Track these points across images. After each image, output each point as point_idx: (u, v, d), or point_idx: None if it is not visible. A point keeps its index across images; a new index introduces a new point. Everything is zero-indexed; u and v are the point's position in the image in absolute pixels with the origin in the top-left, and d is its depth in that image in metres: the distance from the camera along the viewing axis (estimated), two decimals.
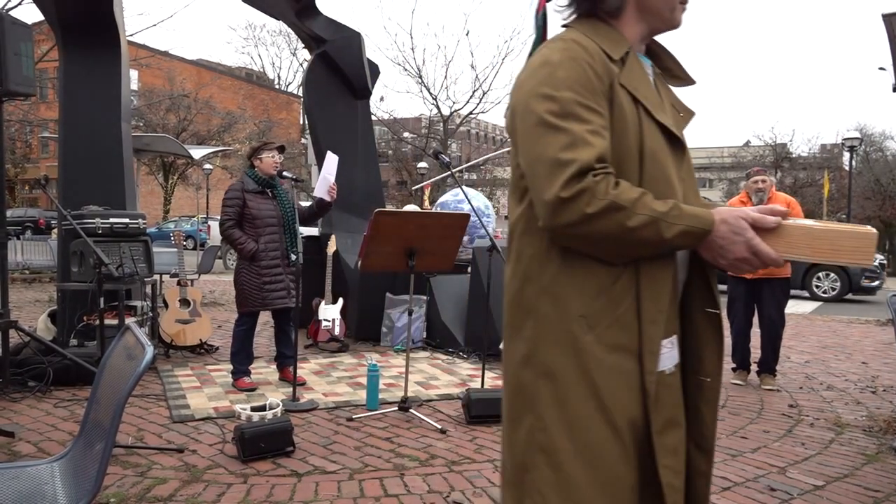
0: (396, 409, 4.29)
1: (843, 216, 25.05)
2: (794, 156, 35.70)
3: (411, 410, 4.25)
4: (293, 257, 4.61)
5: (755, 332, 5.41)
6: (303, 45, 9.59)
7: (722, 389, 5.58)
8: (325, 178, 4.89)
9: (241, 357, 4.87)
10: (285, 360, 4.99)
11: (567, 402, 1.32)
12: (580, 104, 1.28)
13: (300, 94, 38.07)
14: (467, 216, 4.37)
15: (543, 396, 1.34)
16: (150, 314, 5.72)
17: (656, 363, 1.33)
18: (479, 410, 4.13)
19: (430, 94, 33.19)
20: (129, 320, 4.91)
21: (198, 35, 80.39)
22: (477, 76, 32.91)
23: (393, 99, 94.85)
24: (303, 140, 35.52)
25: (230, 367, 4.93)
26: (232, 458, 3.42)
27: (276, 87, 46.74)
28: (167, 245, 9.48)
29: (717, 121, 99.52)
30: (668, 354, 1.36)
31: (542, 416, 1.33)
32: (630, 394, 1.32)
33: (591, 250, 1.31)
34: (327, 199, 4.91)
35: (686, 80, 1.55)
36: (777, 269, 5.13)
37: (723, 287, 5.57)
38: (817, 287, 12.78)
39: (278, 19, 8.16)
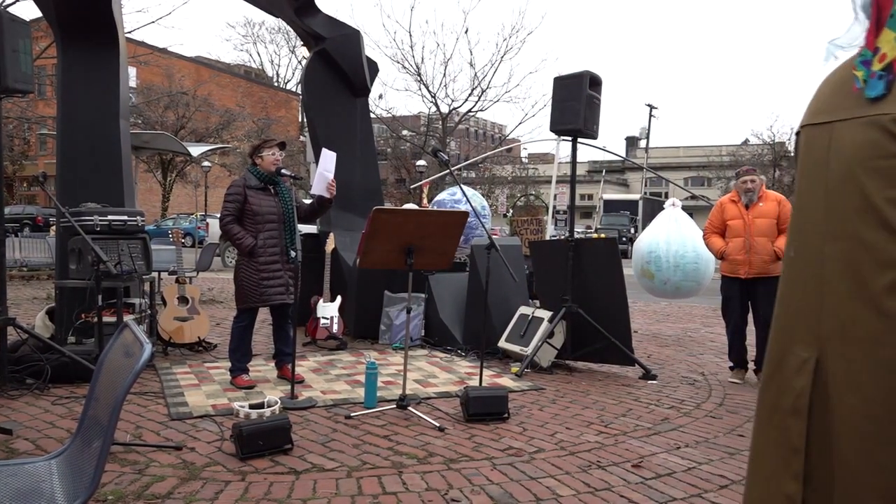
0: (395, 406, 4.29)
1: None
2: (792, 154, 35.62)
3: (409, 408, 4.25)
4: (292, 254, 4.61)
5: (750, 331, 5.43)
6: (301, 43, 9.57)
7: (720, 388, 5.54)
8: (323, 174, 4.80)
9: (240, 354, 4.86)
10: (284, 357, 4.99)
11: None
12: None
13: (299, 91, 38.02)
14: (466, 214, 4.36)
15: None
16: (149, 312, 5.72)
17: None
18: (477, 408, 4.13)
19: (429, 91, 33.18)
20: (128, 318, 4.92)
21: (196, 32, 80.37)
22: (476, 74, 32.88)
23: (392, 97, 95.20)
24: (301, 138, 35.46)
25: (228, 364, 4.94)
26: (230, 456, 3.42)
27: (275, 84, 46.69)
28: (165, 242, 9.46)
29: (715, 119, 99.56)
30: None
31: None
32: None
33: None
34: (326, 195, 4.87)
35: None
36: (770, 268, 5.16)
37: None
38: None
39: (277, 17, 8.15)
